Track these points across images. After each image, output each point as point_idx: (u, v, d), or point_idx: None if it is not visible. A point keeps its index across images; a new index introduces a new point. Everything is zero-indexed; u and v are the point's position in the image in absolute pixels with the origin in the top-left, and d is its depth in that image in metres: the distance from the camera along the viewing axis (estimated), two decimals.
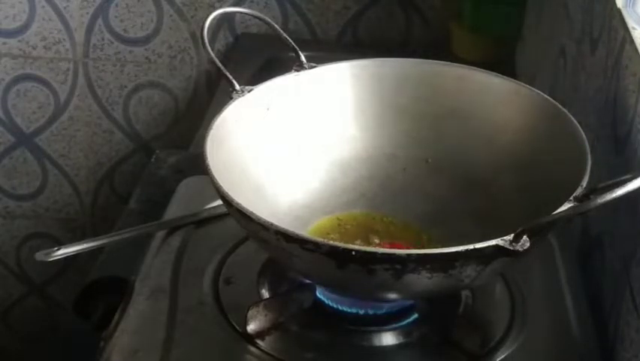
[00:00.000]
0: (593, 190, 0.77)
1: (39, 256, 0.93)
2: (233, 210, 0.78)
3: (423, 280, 0.74)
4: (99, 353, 0.84)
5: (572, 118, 0.88)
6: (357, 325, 0.85)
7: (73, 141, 1.84)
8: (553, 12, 1.32)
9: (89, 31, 1.74)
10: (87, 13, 1.72)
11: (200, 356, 0.82)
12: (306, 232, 0.90)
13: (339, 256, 0.73)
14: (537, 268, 0.93)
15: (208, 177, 0.80)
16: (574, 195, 0.77)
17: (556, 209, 0.75)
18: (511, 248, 0.72)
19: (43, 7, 1.72)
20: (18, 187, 1.89)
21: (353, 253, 0.73)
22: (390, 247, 0.87)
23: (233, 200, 0.78)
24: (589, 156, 0.82)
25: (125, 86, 1.79)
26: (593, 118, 1.00)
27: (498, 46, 1.57)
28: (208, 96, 1.74)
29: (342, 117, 0.98)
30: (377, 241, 0.91)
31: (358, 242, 0.90)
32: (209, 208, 0.99)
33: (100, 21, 1.73)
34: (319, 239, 0.75)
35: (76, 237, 1.90)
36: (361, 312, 0.86)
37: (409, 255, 0.72)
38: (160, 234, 0.97)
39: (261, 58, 1.59)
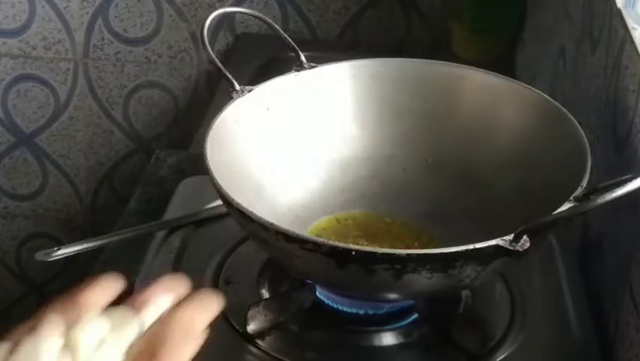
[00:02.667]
0: (593, 190, 0.77)
1: (39, 256, 0.93)
2: (233, 210, 0.78)
3: (423, 280, 0.74)
4: None
5: (572, 118, 0.88)
6: (357, 325, 0.85)
7: (73, 141, 1.84)
8: (554, 12, 1.32)
9: (89, 31, 1.74)
10: (87, 13, 1.72)
11: (200, 356, 0.82)
12: (306, 231, 0.90)
13: (339, 256, 0.73)
14: (537, 268, 0.93)
15: (208, 177, 0.80)
16: (574, 195, 0.77)
17: (556, 209, 0.75)
18: (511, 248, 0.72)
19: (43, 7, 1.72)
20: (18, 187, 1.89)
21: (353, 253, 0.73)
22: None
23: (233, 200, 0.78)
24: (589, 156, 0.82)
25: (125, 86, 1.79)
26: (593, 118, 1.00)
27: (498, 46, 1.57)
28: (208, 96, 1.74)
29: (342, 117, 0.98)
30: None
31: (361, 242, 0.90)
32: (209, 208, 0.99)
33: (100, 21, 1.73)
34: (319, 239, 0.75)
35: (76, 237, 1.90)
36: (361, 312, 0.85)
37: (408, 255, 0.72)
38: (160, 234, 0.97)
39: (261, 58, 1.59)
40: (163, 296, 0.55)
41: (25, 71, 1.77)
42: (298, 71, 0.96)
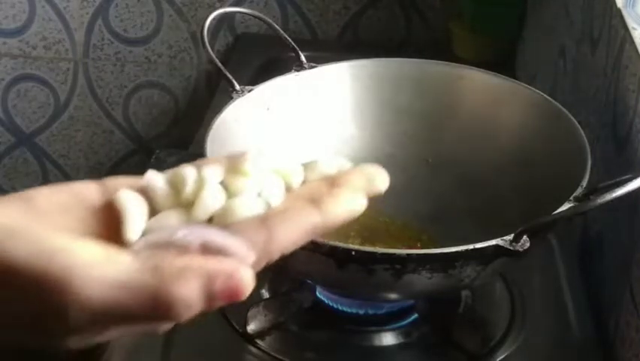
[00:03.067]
0: (593, 190, 0.77)
1: None
2: None
3: (423, 280, 0.74)
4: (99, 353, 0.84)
5: (572, 118, 0.88)
6: (357, 325, 0.85)
7: (73, 141, 1.84)
8: (553, 12, 1.32)
9: (89, 31, 1.74)
10: (87, 13, 1.72)
11: (200, 356, 0.82)
12: None
13: (339, 256, 0.73)
14: (537, 268, 0.93)
15: None
16: (574, 195, 0.77)
17: (556, 209, 0.75)
18: (511, 248, 0.72)
19: (43, 7, 1.72)
20: (18, 187, 1.89)
21: (353, 253, 0.73)
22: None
23: None
24: (589, 156, 0.82)
25: (125, 86, 1.79)
26: (593, 118, 1.00)
27: (498, 46, 1.57)
28: (208, 96, 1.73)
29: (342, 117, 0.98)
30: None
31: (361, 242, 0.90)
32: None
33: (100, 21, 1.73)
34: (319, 239, 0.75)
35: None
36: (361, 312, 0.86)
37: (408, 255, 0.72)
38: None
39: (261, 58, 1.59)
40: (333, 160, 0.51)
41: (25, 71, 1.77)
42: (298, 71, 0.96)
